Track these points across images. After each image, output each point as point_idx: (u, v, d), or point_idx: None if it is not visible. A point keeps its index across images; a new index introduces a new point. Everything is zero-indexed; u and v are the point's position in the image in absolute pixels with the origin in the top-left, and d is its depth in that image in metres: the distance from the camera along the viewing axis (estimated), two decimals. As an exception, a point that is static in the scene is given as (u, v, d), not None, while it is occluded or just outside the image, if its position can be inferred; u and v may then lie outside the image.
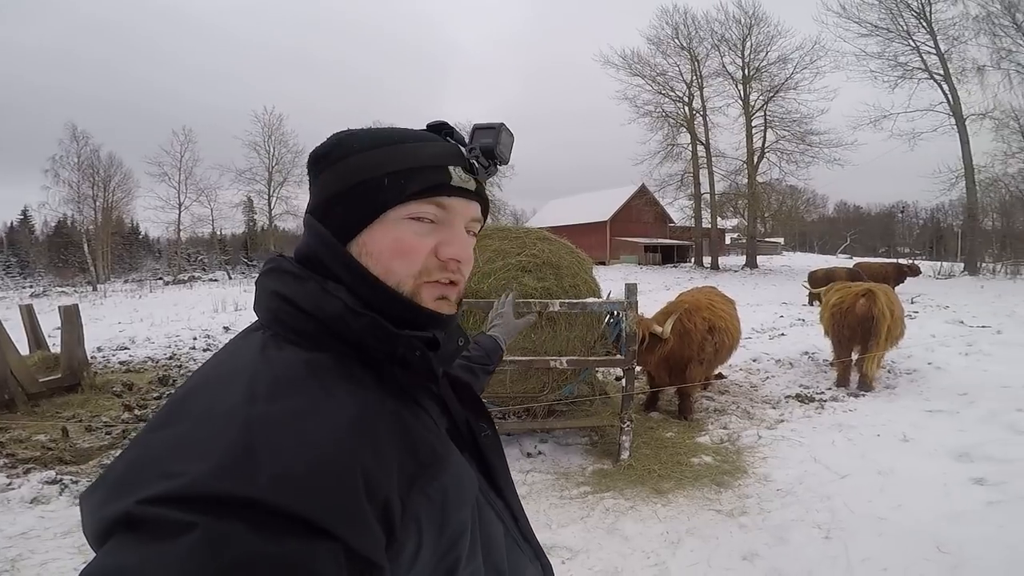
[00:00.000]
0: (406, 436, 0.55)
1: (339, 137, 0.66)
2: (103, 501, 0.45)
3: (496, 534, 0.67)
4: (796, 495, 3.25)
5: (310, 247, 0.64)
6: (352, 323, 0.58)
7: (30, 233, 48.92)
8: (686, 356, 4.91)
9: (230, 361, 0.57)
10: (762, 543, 2.73)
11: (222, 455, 0.44)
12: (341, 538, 0.43)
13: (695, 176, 30.76)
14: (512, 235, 4.56)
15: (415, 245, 0.62)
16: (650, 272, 27.67)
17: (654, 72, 30.55)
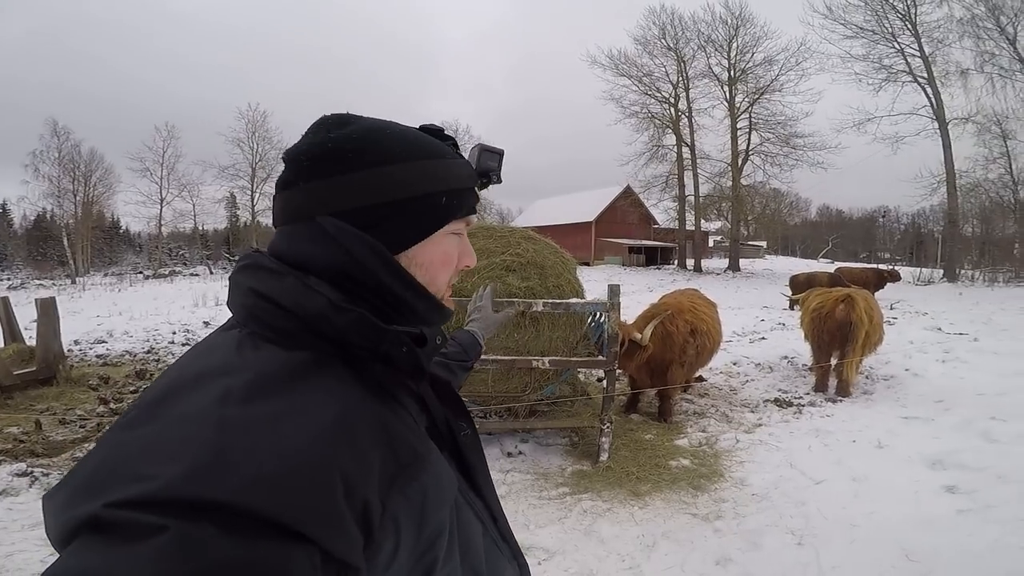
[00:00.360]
0: (386, 435, 0.54)
1: (367, 132, 0.62)
2: (68, 502, 0.44)
3: (474, 534, 0.67)
4: (771, 500, 3.27)
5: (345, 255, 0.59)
6: (335, 319, 0.56)
7: (8, 227, 47.85)
8: (667, 359, 4.93)
9: (203, 360, 0.55)
10: (736, 548, 2.75)
11: (195, 458, 0.43)
12: (316, 541, 0.43)
13: (680, 178, 30.85)
14: (497, 234, 4.55)
15: (453, 257, 0.68)
16: (634, 273, 27.82)
17: (640, 72, 30.60)
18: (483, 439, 4.29)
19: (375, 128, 0.63)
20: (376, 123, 0.65)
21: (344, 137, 0.61)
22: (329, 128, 0.63)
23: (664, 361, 4.91)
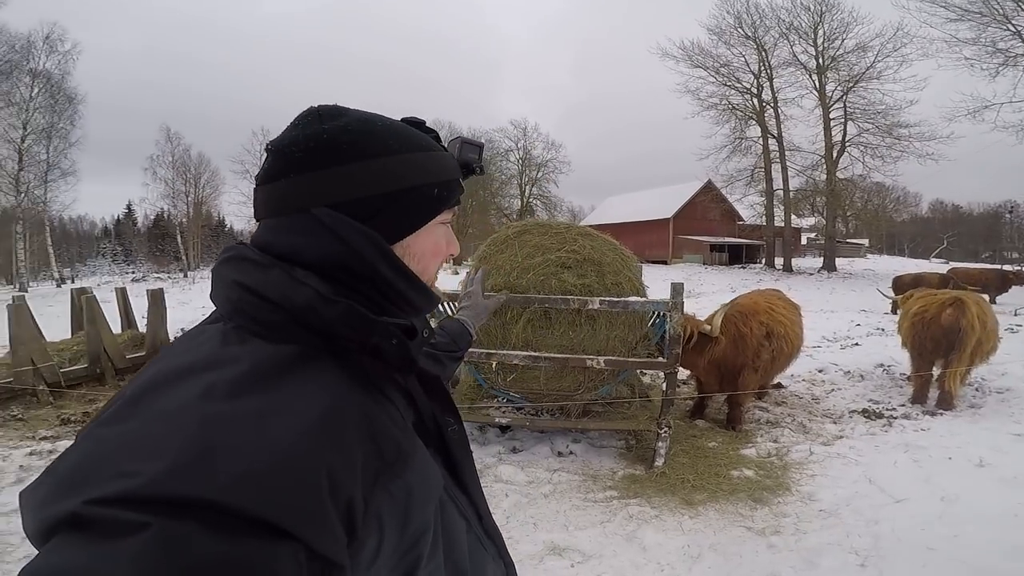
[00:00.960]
0: (372, 431, 0.53)
1: (360, 124, 0.62)
2: (48, 499, 0.43)
3: (458, 532, 0.66)
4: (840, 517, 2.99)
5: (342, 247, 0.59)
6: (323, 312, 0.55)
7: (133, 225, 53.96)
8: (739, 362, 4.64)
9: (188, 355, 0.54)
10: (788, 565, 2.53)
11: (178, 455, 0.42)
12: (302, 538, 0.42)
13: (767, 171, 28.98)
14: (552, 231, 4.46)
15: (443, 246, 0.71)
16: (715, 273, 26.58)
17: (717, 63, 29.01)
18: (534, 437, 4.26)
19: (368, 120, 0.63)
20: (367, 115, 0.64)
21: (339, 129, 0.61)
22: (322, 119, 0.62)
23: (736, 365, 4.64)
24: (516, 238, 4.42)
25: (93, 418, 0.51)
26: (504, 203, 46.56)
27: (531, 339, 4.21)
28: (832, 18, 26.38)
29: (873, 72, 25.76)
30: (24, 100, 23.94)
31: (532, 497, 3.32)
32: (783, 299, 5.63)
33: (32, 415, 4.97)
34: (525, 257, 4.31)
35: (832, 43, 26.63)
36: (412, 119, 0.70)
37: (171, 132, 37.81)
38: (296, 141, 0.60)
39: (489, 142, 45.79)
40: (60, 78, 25.17)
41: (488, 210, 44.33)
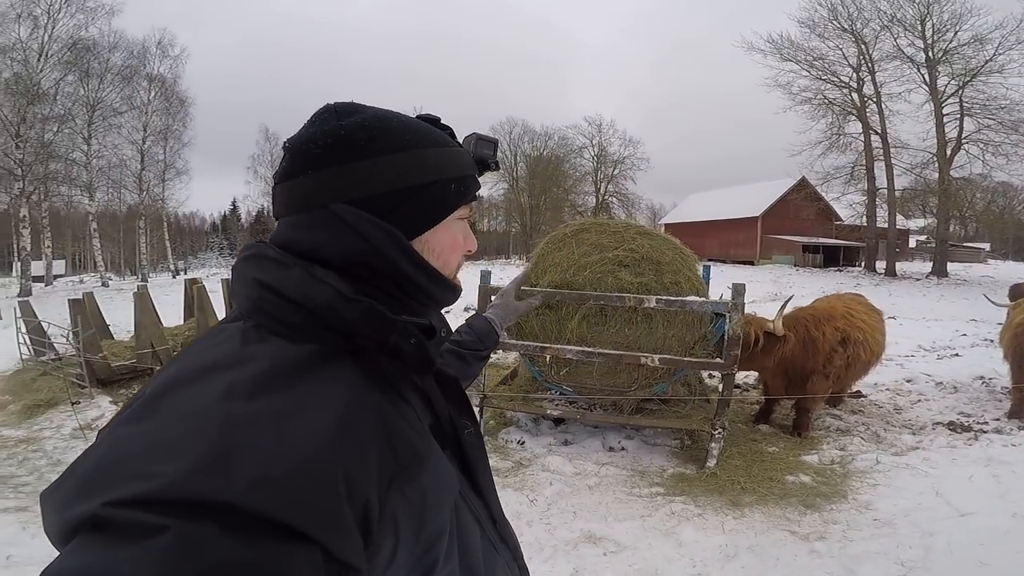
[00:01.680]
0: (388, 433, 0.53)
1: (375, 120, 0.62)
2: (68, 500, 0.43)
3: (472, 536, 0.66)
4: (894, 527, 2.87)
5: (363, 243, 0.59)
6: (343, 311, 0.55)
7: (237, 220, 58.79)
8: (809, 367, 4.47)
9: (208, 354, 0.54)
10: (826, 571, 2.48)
11: (197, 456, 0.42)
12: (320, 542, 0.42)
13: (868, 169, 26.65)
14: (610, 229, 4.51)
15: (462, 241, 0.70)
16: (807, 275, 24.94)
17: (810, 57, 26.98)
18: (586, 431, 4.34)
19: (384, 116, 0.64)
20: (383, 112, 0.65)
21: (356, 125, 0.61)
22: (339, 116, 0.62)
23: (805, 369, 4.47)
24: (573, 236, 4.51)
25: (115, 415, 0.51)
26: (578, 200, 46.15)
27: (586, 335, 4.29)
28: (941, 10, 23.85)
29: (994, 65, 23.06)
30: (143, 103, 26.12)
31: (576, 488, 3.41)
32: (864, 304, 5.32)
33: None
34: (582, 255, 4.39)
35: (943, 36, 24.09)
36: (427, 116, 0.70)
37: (269, 132, 40.37)
38: (314, 138, 0.60)
39: (561, 139, 45.48)
40: (173, 82, 27.20)
41: (562, 207, 44.11)
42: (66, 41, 20.79)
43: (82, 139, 22.95)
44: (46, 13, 19.84)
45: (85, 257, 48.28)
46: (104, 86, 23.47)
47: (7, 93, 18.93)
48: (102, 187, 25.38)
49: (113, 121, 24.28)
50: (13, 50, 19.04)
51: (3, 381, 6.27)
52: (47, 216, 23.73)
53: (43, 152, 20.20)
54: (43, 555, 2.69)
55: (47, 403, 5.32)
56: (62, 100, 21.57)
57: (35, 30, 19.70)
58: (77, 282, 26.67)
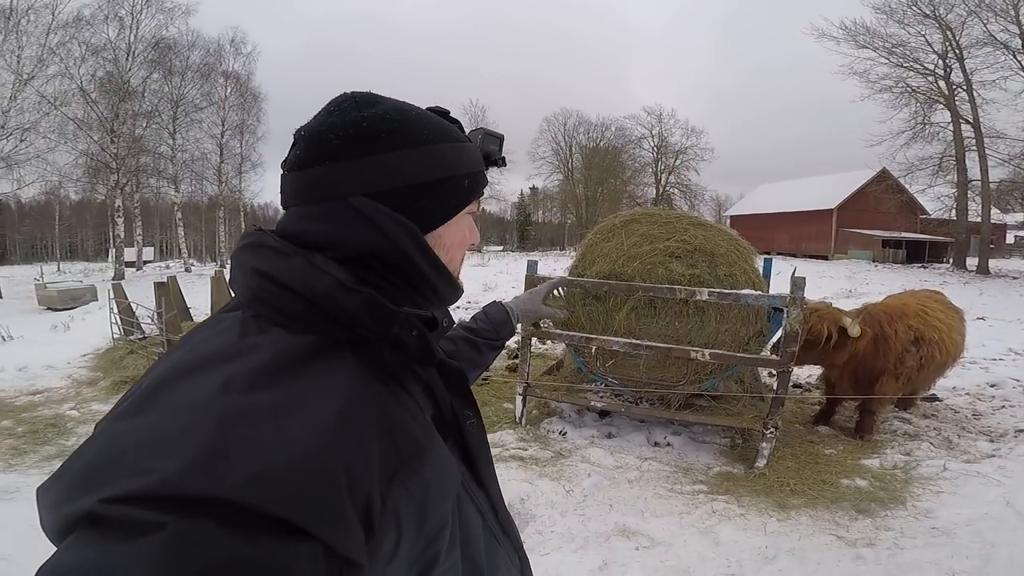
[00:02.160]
0: (390, 426, 0.52)
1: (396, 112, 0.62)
2: (64, 497, 0.43)
3: (474, 527, 0.66)
4: (953, 536, 2.67)
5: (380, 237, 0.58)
6: (344, 301, 0.54)
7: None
8: (879, 367, 4.20)
9: (206, 345, 0.53)
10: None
11: (195, 452, 0.41)
12: (320, 538, 0.42)
13: (959, 160, 24.51)
14: (662, 220, 4.40)
15: (468, 237, 0.70)
16: (887, 272, 23.35)
17: (889, 44, 25.03)
18: (631, 425, 4.28)
19: (404, 109, 0.63)
20: (402, 104, 0.64)
21: (377, 117, 0.60)
22: (360, 107, 0.60)
23: (874, 369, 4.21)
24: (623, 227, 4.43)
25: (112, 408, 0.50)
26: (637, 192, 45.18)
27: (634, 327, 4.21)
28: None
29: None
30: (221, 99, 27.57)
31: (616, 481, 3.37)
32: (941, 302, 4.93)
33: None
34: (632, 246, 4.31)
35: None
36: (438, 108, 0.69)
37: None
38: (334, 128, 0.59)
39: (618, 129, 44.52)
40: (246, 78, 28.62)
41: (619, 199, 43.33)
42: (150, 40, 22.22)
43: (168, 134, 24.50)
44: (130, 14, 21.25)
45: (171, 244, 51.94)
46: (185, 83, 24.86)
47: (102, 91, 20.51)
48: (186, 179, 26.91)
49: (194, 116, 25.73)
50: (104, 50, 20.51)
51: (97, 359, 6.88)
52: (138, 206, 25.68)
53: (134, 146, 21.77)
54: None
55: (133, 380, 5.65)
56: (149, 97, 23.12)
57: (121, 31, 21.14)
58: (163, 267, 28.70)
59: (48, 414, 4.84)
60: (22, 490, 3.29)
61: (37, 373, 6.24)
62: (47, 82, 17.78)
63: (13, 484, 3.37)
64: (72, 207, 51.86)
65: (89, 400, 5.29)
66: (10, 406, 5.12)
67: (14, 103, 16.33)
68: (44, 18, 17.17)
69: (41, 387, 5.79)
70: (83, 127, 19.77)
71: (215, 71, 26.74)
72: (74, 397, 5.43)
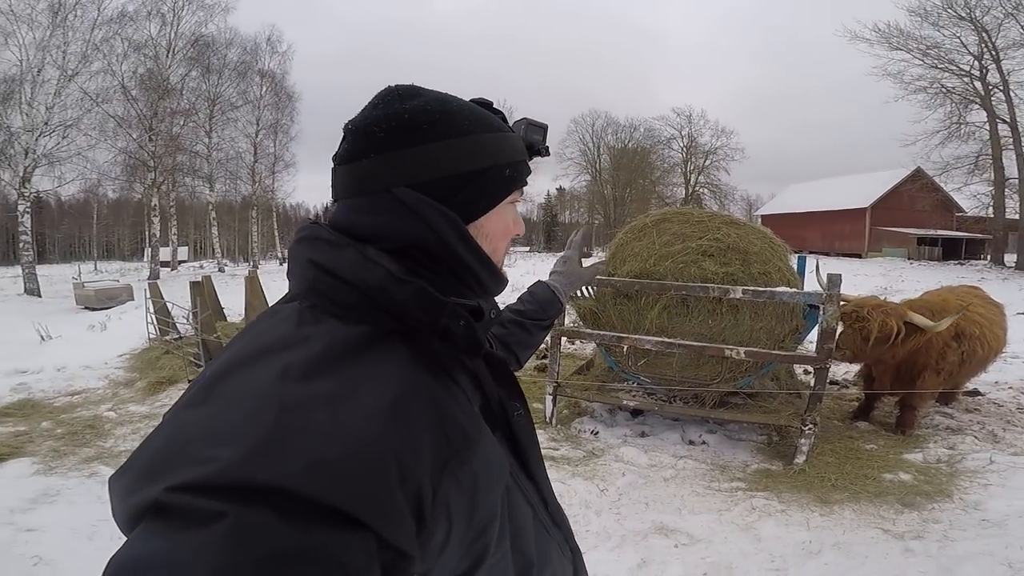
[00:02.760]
0: (440, 417, 0.53)
1: (437, 104, 0.62)
2: (132, 487, 0.44)
3: (524, 518, 0.66)
4: (1005, 528, 2.63)
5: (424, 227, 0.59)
6: (395, 292, 0.56)
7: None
8: (920, 362, 4.14)
9: (265, 335, 0.55)
10: (920, 571, 2.32)
11: (253, 440, 0.43)
12: (373, 528, 0.42)
13: (996, 159, 24.06)
14: (694, 219, 4.39)
15: (512, 227, 0.70)
16: (922, 269, 22.73)
17: (923, 45, 24.67)
18: (665, 424, 4.29)
19: (445, 100, 0.64)
20: (444, 95, 0.65)
21: (419, 109, 0.61)
22: (402, 100, 0.62)
23: (916, 364, 4.15)
24: (654, 226, 4.44)
25: (179, 398, 0.52)
26: (666, 192, 44.70)
27: (666, 325, 4.22)
28: None
29: None
30: (256, 98, 27.37)
31: (651, 479, 3.38)
32: (981, 297, 4.85)
33: None
34: (664, 245, 4.31)
35: None
36: (481, 100, 0.69)
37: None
38: (378, 120, 0.60)
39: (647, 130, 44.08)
40: (281, 77, 28.27)
41: (648, 199, 42.94)
42: (189, 38, 22.22)
43: (204, 132, 24.60)
44: (171, 10, 21.25)
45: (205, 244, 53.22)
46: (222, 81, 24.80)
47: (142, 88, 20.56)
48: (221, 178, 26.94)
49: (230, 115, 25.77)
50: (146, 47, 20.58)
51: (133, 359, 6.90)
52: (174, 205, 26.02)
53: (171, 144, 21.74)
54: None
55: (168, 380, 5.77)
56: (187, 94, 23.08)
57: (163, 27, 21.13)
58: (197, 267, 29.23)
59: (86, 415, 4.85)
60: (63, 493, 3.33)
61: (75, 373, 6.29)
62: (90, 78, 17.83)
63: (54, 487, 3.42)
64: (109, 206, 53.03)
65: (126, 401, 5.32)
66: (49, 407, 5.15)
67: (58, 99, 16.41)
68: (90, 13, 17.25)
69: (79, 387, 5.81)
70: (123, 124, 19.90)
71: (251, 69, 26.59)
72: (111, 398, 5.43)
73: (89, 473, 3.63)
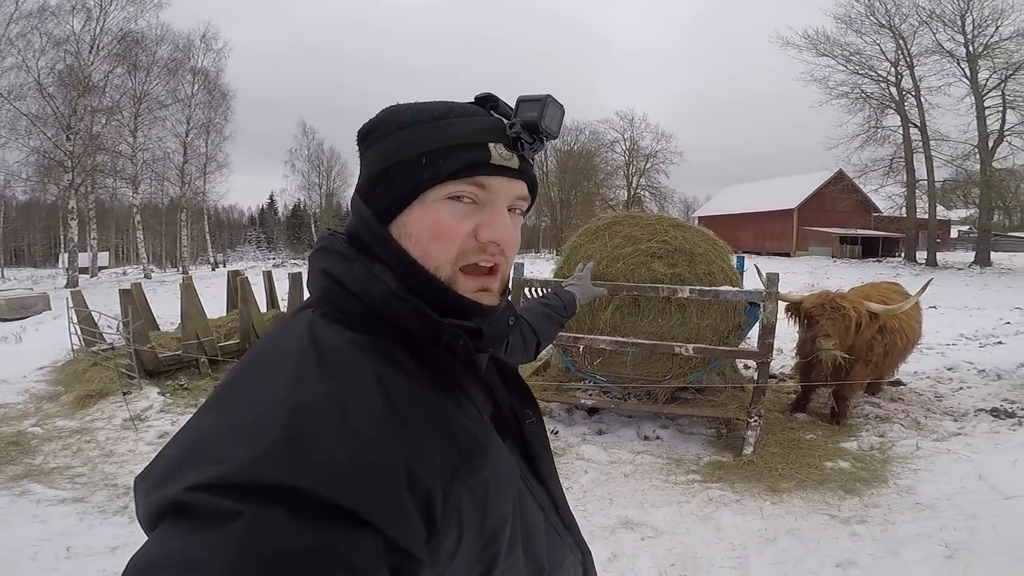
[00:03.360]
0: (449, 424, 0.54)
1: (384, 113, 0.64)
2: (154, 486, 0.45)
3: (536, 524, 0.66)
4: (937, 510, 2.86)
5: (356, 228, 0.63)
6: (396, 308, 0.58)
7: (274, 214, 60.04)
8: (854, 354, 4.42)
9: (280, 340, 0.57)
10: (867, 553, 2.49)
11: (268, 441, 0.44)
12: (382, 529, 0.43)
13: (908, 161, 26.12)
14: (644, 222, 4.55)
15: (452, 228, 0.59)
16: (845, 266, 24.39)
17: (846, 52, 26.57)
18: (620, 421, 4.39)
19: (395, 107, 0.64)
20: (406, 104, 0.64)
21: (369, 121, 0.64)
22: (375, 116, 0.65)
23: (851, 357, 4.41)
24: (607, 229, 4.56)
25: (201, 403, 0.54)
26: (610, 194, 45.73)
27: (619, 325, 4.34)
28: (982, 5, 23.16)
29: (1038, 59, 22.28)
30: (187, 96, 26.40)
31: (612, 475, 3.47)
32: (899, 292, 5.26)
33: (195, 385, 5.77)
34: (615, 247, 4.44)
35: (983, 31, 23.49)
36: (480, 95, 0.65)
37: (307, 127, 40.93)
38: None
39: (592, 133, 44.87)
40: (215, 75, 27.41)
41: (593, 201, 43.78)
42: (116, 33, 21.11)
43: (129, 131, 23.33)
44: (98, 5, 20.18)
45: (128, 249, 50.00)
46: (151, 79, 23.79)
47: (60, 85, 19.35)
48: (146, 179, 25.61)
49: (158, 114, 24.66)
50: (67, 42, 19.42)
51: (56, 372, 6.39)
52: (93, 208, 24.41)
53: (91, 144, 20.58)
54: (102, 546, 2.78)
55: (98, 393, 5.38)
56: (111, 92, 21.90)
57: (88, 22, 20.01)
58: (120, 273, 27.41)
59: (8, 432, 4.50)
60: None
61: (-11, 389, 5.77)
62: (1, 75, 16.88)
63: (-17, 509, 3.17)
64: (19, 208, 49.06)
65: (52, 416, 4.95)
66: (-36, 425, 4.72)
67: (-36, 96, 15.24)
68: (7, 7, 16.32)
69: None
70: (37, 123, 18.68)
71: (183, 67, 25.67)
72: (35, 413, 5.06)
73: (20, 491, 3.38)
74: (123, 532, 2.92)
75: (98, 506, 3.24)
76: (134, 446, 4.21)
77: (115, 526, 3.01)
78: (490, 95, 0.65)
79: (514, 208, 0.64)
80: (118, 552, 2.73)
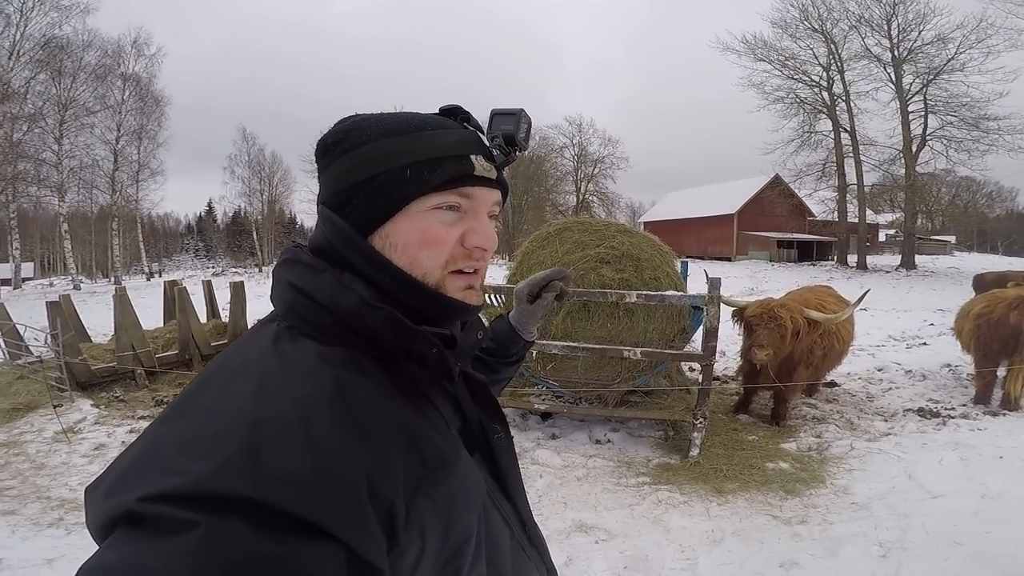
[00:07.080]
0: (414, 437, 0.54)
1: (350, 124, 0.63)
2: (107, 495, 0.45)
3: (501, 539, 0.66)
4: (871, 510, 3.01)
5: (327, 239, 0.62)
6: (368, 318, 0.57)
7: (213, 222, 57.72)
8: (796, 357, 4.61)
9: (242, 353, 0.57)
10: (808, 553, 2.60)
11: (226, 454, 0.44)
12: (344, 540, 0.43)
13: (839, 166, 27.52)
14: (592, 227, 4.63)
15: (442, 235, 0.61)
16: (782, 270, 25.56)
17: (782, 57, 27.82)
18: (573, 425, 4.43)
19: (362, 118, 0.64)
20: (367, 115, 0.65)
21: (332, 131, 0.64)
22: (333, 127, 0.65)
23: (792, 359, 4.60)
24: (557, 235, 4.62)
25: (156, 415, 0.53)
26: (559, 200, 46.33)
27: (570, 330, 4.39)
28: (906, 10, 24.78)
29: (956, 64, 23.97)
30: (117, 103, 25.51)
31: (566, 480, 3.50)
32: (833, 295, 5.53)
33: (131, 396, 5.61)
34: (565, 253, 4.50)
35: (907, 35, 25.06)
36: (445, 107, 0.67)
37: (246, 132, 39.61)
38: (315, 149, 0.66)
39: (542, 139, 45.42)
40: (148, 81, 26.64)
41: (543, 207, 44.22)
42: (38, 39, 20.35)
43: (53, 139, 22.39)
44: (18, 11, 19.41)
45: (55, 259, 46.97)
46: (77, 85, 22.95)
47: None
48: (73, 188, 24.67)
49: (86, 121, 23.75)
50: None
51: None
52: (15, 217, 23.03)
53: (11, 152, 19.67)
54: (37, 558, 2.68)
55: (26, 407, 5.22)
56: (32, 99, 21.11)
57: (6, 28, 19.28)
58: (47, 285, 25.85)
59: None
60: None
61: (-97, 405, 5.40)
62: None
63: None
64: (-72, 219, 45.25)
65: None
66: None
67: None
68: None
69: (-88, 420, 5.02)
70: None
71: (113, 73, 24.79)
72: None
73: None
74: (59, 544, 2.86)
75: (31, 518, 3.16)
76: (67, 458, 4.08)
77: (50, 538, 2.94)
78: (457, 107, 0.67)
79: (491, 213, 0.67)
80: (55, 564, 2.67)
